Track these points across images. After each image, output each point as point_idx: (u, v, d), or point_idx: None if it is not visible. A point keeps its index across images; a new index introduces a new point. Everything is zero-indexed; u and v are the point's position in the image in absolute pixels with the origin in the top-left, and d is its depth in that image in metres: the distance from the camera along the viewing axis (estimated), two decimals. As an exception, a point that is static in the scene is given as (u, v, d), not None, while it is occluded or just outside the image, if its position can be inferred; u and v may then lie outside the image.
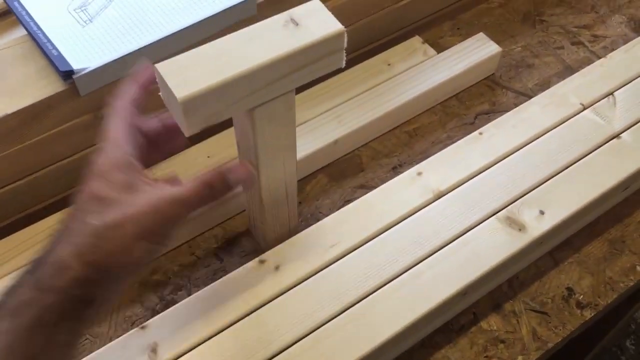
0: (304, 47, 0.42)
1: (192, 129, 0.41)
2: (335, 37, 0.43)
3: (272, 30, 0.42)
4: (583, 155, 0.61)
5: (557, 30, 0.80)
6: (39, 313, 0.36)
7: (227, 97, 0.41)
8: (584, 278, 0.60)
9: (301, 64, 0.43)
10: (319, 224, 0.56)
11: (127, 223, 0.38)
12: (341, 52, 0.45)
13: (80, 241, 0.37)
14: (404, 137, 0.70)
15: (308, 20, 0.43)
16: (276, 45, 0.41)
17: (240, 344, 0.49)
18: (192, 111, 0.40)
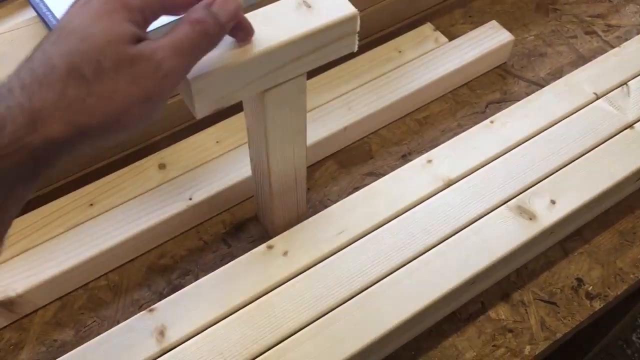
0: (316, 29, 0.41)
1: (202, 111, 0.41)
2: (348, 20, 0.42)
3: (284, 12, 0.42)
4: (596, 145, 0.60)
5: (570, 19, 0.79)
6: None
7: (239, 79, 0.40)
8: (593, 269, 0.59)
9: (313, 47, 0.42)
10: (327, 211, 0.56)
11: (126, 81, 0.34)
12: (354, 36, 0.44)
13: (70, 94, 0.33)
14: (413, 125, 0.70)
15: (321, 3, 0.43)
16: (288, 27, 0.41)
17: (247, 328, 0.49)
18: (203, 93, 0.39)
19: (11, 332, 0.55)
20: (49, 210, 0.58)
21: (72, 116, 0.33)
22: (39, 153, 0.33)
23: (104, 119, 0.34)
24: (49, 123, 0.32)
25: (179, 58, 0.35)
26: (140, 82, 0.34)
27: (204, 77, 0.39)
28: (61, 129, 0.32)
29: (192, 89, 0.39)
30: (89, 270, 0.57)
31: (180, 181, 0.60)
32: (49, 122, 0.32)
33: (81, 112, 0.33)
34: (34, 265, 0.55)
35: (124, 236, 0.57)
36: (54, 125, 0.32)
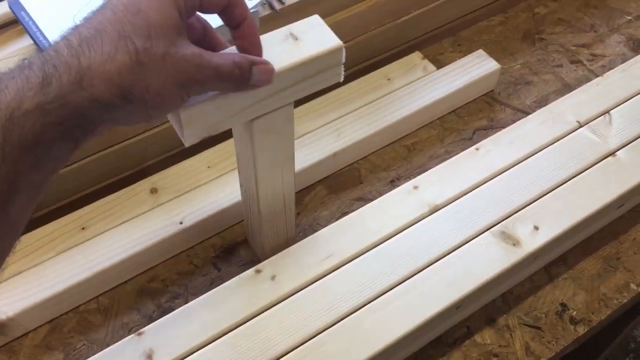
0: (302, 61, 0.43)
1: (191, 139, 0.42)
2: (333, 52, 0.44)
3: (272, 44, 0.43)
4: (578, 172, 0.61)
5: (556, 48, 0.81)
6: (39, 129, 0.32)
7: (227, 109, 0.42)
8: (578, 294, 0.60)
9: (300, 78, 0.44)
10: (315, 235, 0.57)
11: (171, 62, 0.36)
12: (339, 67, 0.46)
13: (119, 59, 0.34)
14: (402, 151, 0.71)
15: (307, 35, 0.44)
16: (276, 59, 0.42)
17: (235, 352, 0.50)
18: (192, 121, 0.41)
19: (1, 355, 0.56)
20: (41, 233, 0.59)
21: (119, 78, 0.34)
22: (81, 112, 0.34)
23: (146, 89, 0.35)
24: (95, 82, 0.33)
25: (211, 78, 0.39)
26: (182, 72, 0.36)
27: (193, 107, 0.40)
28: (106, 89, 0.34)
29: (182, 118, 0.40)
30: (80, 294, 0.58)
31: (171, 205, 0.61)
32: (96, 81, 0.33)
33: (127, 77, 0.34)
34: (25, 289, 0.55)
35: (115, 260, 0.58)
36: (100, 85, 0.34)
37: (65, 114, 0.33)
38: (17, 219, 0.34)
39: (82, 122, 0.34)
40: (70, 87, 0.33)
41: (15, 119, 0.32)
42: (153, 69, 0.35)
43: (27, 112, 0.32)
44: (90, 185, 0.64)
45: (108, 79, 0.34)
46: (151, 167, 0.66)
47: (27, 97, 0.32)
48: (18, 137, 0.32)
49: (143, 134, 0.64)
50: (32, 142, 0.32)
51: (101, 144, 0.62)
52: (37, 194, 0.35)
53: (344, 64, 0.46)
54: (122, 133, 0.63)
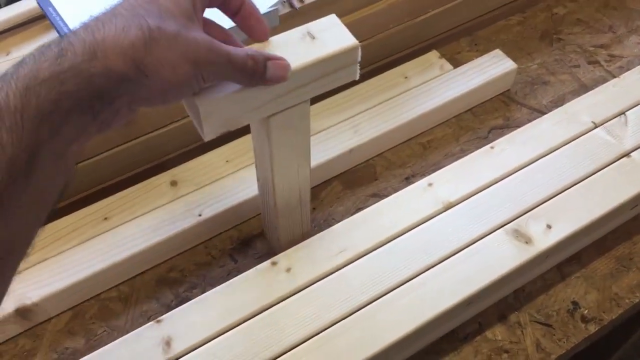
0: (319, 59, 0.44)
1: (210, 133, 0.43)
2: (349, 51, 0.45)
3: (289, 42, 0.45)
4: (593, 172, 0.62)
5: (574, 49, 0.82)
6: (55, 97, 0.33)
7: (245, 105, 0.43)
8: (589, 293, 0.61)
9: (316, 76, 0.45)
10: (331, 229, 0.58)
11: (183, 41, 0.37)
12: (355, 65, 0.47)
13: (132, 33, 0.35)
14: (417, 148, 0.72)
15: (324, 34, 0.45)
16: (293, 57, 0.43)
17: (250, 341, 0.51)
18: (211, 116, 0.42)
19: (25, 339, 0.58)
20: (64, 223, 0.61)
21: (132, 50, 0.36)
22: (96, 83, 0.35)
23: (159, 62, 0.36)
24: (109, 55, 0.35)
25: (223, 62, 0.40)
26: (193, 51, 0.38)
27: (212, 102, 0.41)
28: (120, 60, 0.35)
29: (201, 113, 0.41)
30: (101, 282, 0.59)
31: (190, 198, 0.63)
32: (109, 52, 0.35)
33: (140, 49, 0.36)
34: (49, 276, 0.57)
35: (135, 249, 0.59)
36: (113, 56, 0.35)
37: (80, 83, 0.34)
38: (43, 190, 0.35)
39: (97, 94, 0.35)
40: (85, 57, 0.34)
41: (31, 88, 0.33)
42: (165, 44, 0.36)
43: (43, 81, 0.33)
44: (112, 177, 0.66)
45: (121, 51, 0.35)
46: (171, 161, 0.67)
47: (43, 67, 0.34)
48: (35, 106, 0.33)
49: (164, 128, 0.65)
50: (49, 110, 0.33)
51: (123, 137, 0.64)
52: (62, 167, 0.36)
53: (360, 62, 0.47)
54: (143, 127, 0.64)
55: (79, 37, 0.35)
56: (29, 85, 0.33)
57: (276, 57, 0.42)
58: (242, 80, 0.42)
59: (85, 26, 0.36)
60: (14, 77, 0.33)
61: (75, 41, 0.35)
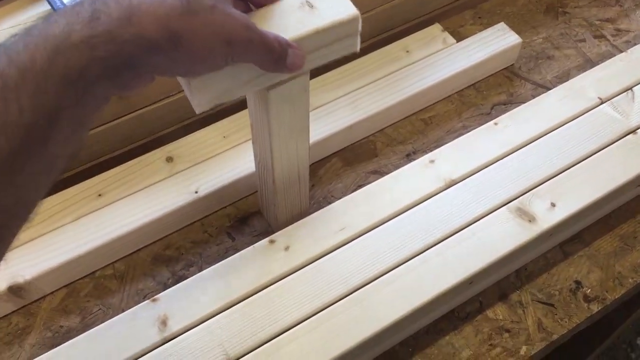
0: (317, 29, 0.42)
1: (202, 106, 0.41)
2: (349, 21, 0.43)
3: (287, 11, 0.43)
4: (598, 149, 0.60)
5: (579, 22, 0.80)
6: (85, 63, 0.32)
7: (239, 77, 0.41)
8: (592, 272, 0.60)
9: (314, 47, 0.43)
10: (330, 207, 0.57)
11: (220, 16, 0.36)
12: (355, 37, 0.45)
13: (169, 2, 0.34)
14: (419, 124, 0.70)
15: (323, 3, 0.43)
16: (290, 27, 0.42)
17: (247, 320, 0.50)
18: (203, 87, 0.40)
19: (19, 317, 0.57)
20: (58, 199, 0.60)
21: (167, 20, 0.34)
22: (128, 50, 0.33)
23: (193, 35, 0.35)
24: (144, 21, 0.34)
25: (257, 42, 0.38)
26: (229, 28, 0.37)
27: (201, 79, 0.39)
28: (155, 28, 0.34)
29: (191, 83, 0.39)
30: (96, 259, 0.58)
31: (186, 174, 0.62)
32: (145, 19, 0.34)
33: (176, 20, 0.34)
34: (42, 253, 0.56)
35: (130, 227, 0.58)
36: (149, 24, 0.34)
37: (112, 49, 0.33)
38: (56, 157, 0.34)
39: (128, 62, 0.34)
40: (119, 22, 0.33)
41: (61, 51, 0.32)
42: (201, 18, 0.35)
43: (73, 44, 0.32)
44: (106, 153, 0.65)
45: (157, 19, 0.34)
46: (167, 136, 0.66)
47: (75, 30, 0.32)
48: (63, 70, 0.32)
49: (159, 102, 0.64)
50: (76, 76, 0.32)
51: (118, 112, 0.62)
52: (78, 133, 0.34)
53: (360, 34, 0.45)
54: (138, 101, 0.63)
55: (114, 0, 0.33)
56: (60, 48, 0.31)
57: (295, 45, 0.41)
58: (267, 64, 0.41)
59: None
60: (43, 36, 0.32)
61: (111, 3, 0.33)
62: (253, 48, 0.38)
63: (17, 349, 0.55)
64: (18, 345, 0.55)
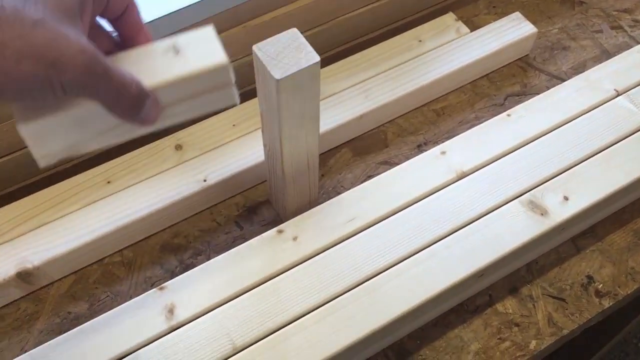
0: (180, 77, 0.38)
1: (44, 162, 0.37)
2: (216, 69, 0.38)
3: (149, 55, 0.38)
4: (613, 142, 0.59)
5: (596, 13, 0.78)
6: None
7: (87, 130, 0.37)
8: (605, 267, 0.59)
9: (178, 97, 0.39)
10: (339, 198, 0.57)
11: (45, 32, 0.30)
12: (229, 88, 0.40)
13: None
14: (431, 115, 0.69)
15: (191, 48, 0.38)
16: (149, 73, 0.37)
17: (255, 310, 0.50)
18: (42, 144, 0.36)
19: (27, 303, 0.57)
20: (67, 186, 0.60)
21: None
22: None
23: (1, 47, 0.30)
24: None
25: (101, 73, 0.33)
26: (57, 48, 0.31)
27: (41, 126, 0.35)
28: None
29: (27, 137, 0.35)
30: (104, 246, 0.58)
31: (195, 162, 0.61)
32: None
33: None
34: (51, 239, 0.56)
35: (139, 214, 0.58)
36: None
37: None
38: None
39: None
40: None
41: None
42: (16, 29, 0.30)
43: None
44: (116, 140, 0.65)
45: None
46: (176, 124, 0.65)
47: None
48: None
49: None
50: None
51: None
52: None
53: (236, 84, 0.40)
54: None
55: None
56: None
57: (154, 95, 0.36)
58: (117, 107, 0.35)
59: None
60: None
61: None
62: (92, 80, 0.33)
63: (26, 334, 0.55)
64: (27, 331, 0.55)
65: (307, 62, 0.44)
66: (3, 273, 0.54)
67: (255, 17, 0.64)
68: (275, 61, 0.44)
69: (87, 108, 0.35)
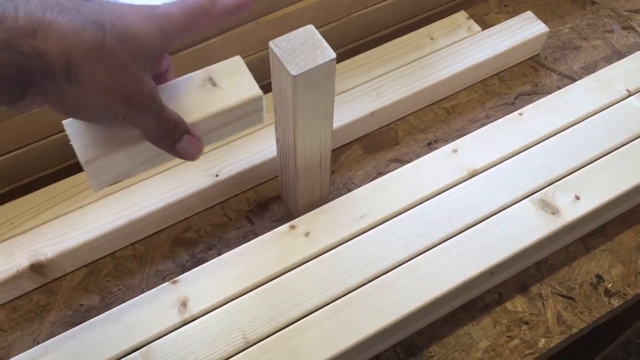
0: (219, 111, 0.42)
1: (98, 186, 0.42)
2: (252, 100, 0.43)
3: (189, 89, 0.43)
4: (625, 142, 0.59)
5: (608, 13, 0.78)
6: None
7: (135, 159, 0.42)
8: (614, 266, 0.59)
9: (216, 125, 0.43)
10: (351, 194, 0.57)
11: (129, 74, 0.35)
12: (260, 112, 0.45)
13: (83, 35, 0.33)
14: (441, 113, 0.69)
15: (226, 80, 0.43)
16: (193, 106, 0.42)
17: (267, 304, 0.50)
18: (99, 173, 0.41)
19: (40, 295, 0.57)
20: (80, 179, 0.60)
21: (72, 50, 0.33)
22: (20, 63, 0.32)
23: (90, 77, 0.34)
24: (49, 39, 0.32)
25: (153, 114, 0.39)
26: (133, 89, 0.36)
27: (101, 159, 0.40)
28: (55, 51, 0.33)
29: (87, 170, 0.40)
30: (116, 240, 0.59)
31: (207, 157, 0.61)
32: (50, 38, 0.32)
33: (81, 55, 0.33)
34: (64, 232, 0.56)
35: (151, 208, 0.58)
36: (52, 44, 0.32)
37: (6, 59, 0.32)
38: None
39: (18, 76, 0.33)
40: (22, 31, 0.32)
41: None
42: (108, 66, 0.34)
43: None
44: (128, 134, 0.65)
45: (63, 44, 0.33)
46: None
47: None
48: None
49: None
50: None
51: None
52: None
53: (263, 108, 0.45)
54: (161, 83, 0.62)
55: (29, 8, 0.32)
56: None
57: (195, 133, 0.41)
58: (153, 139, 0.40)
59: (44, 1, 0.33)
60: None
61: (22, 9, 0.32)
62: (147, 119, 0.38)
63: (38, 326, 0.56)
64: (39, 323, 0.56)
65: (324, 58, 0.44)
66: (16, 265, 0.54)
67: (268, 14, 0.64)
68: (291, 57, 0.44)
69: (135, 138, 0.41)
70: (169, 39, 0.38)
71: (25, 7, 0.32)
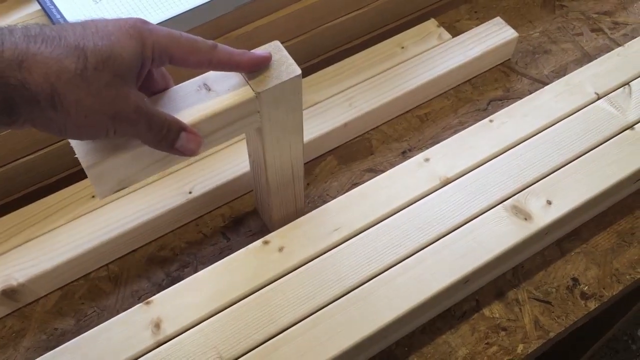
0: (215, 112, 0.43)
1: (104, 194, 0.43)
2: (246, 102, 0.44)
3: (185, 94, 0.44)
4: (595, 145, 0.60)
5: (577, 16, 0.79)
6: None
7: (138, 164, 0.43)
8: (590, 269, 0.60)
9: (214, 128, 0.44)
10: (324, 207, 0.57)
11: (112, 93, 0.36)
12: (256, 115, 0.46)
13: (65, 62, 0.35)
14: (415, 121, 0.70)
15: (219, 85, 0.44)
16: (189, 110, 0.43)
17: (241, 322, 0.50)
18: (102, 178, 0.42)
19: (13, 320, 0.56)
20: (52, 201, 0.59)
21: (55, 79, 0.34)
22: (9, 94, 0.34)
23: (76, 103, 0.35)
24: (34, 71, 0.34)
25: (143, 122, 0.40)
26: (118, 105, 0.37)
27: (103, 164, 0.41)
28: (40, 81, 0.34)
29: (90, 176, 0.41)
30: (90, 261, 0.58)
31: (180, 175, 0.61)
32: (34, 70, 0.34)
33: (64, 82, 0.35)
34: (36, 255, 0.56)
35: (125, 228, 0.58)
36: (36, 75, 0.34)
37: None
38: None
39: (5, 104, 0.34)
40: (8, 64, 0.33)
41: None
42: (92, 89, 0.36)
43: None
44: (100, 153, 0.64)
45: (46, 73, 0.34)
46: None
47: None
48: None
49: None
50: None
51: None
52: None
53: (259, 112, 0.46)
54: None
55: (13, 41, 0.34)
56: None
57: (192, 130, 0.42)
58: (150, 143, 0.41)
59: (27, 32, 0.35)
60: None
61: (8, 43, 0.34)
62: (138, 129, 0.39)
63: (12, 352, 0.55)
64: (13, 349, 0.55)
65: (288, 75, 0.44)
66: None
67: (238, 28, 0.64)
68: (256, 74, 0.44)
69: (135, 145, 0.41)
70: (151, 52, 0.39)
71: (10, 40, 0.34)
